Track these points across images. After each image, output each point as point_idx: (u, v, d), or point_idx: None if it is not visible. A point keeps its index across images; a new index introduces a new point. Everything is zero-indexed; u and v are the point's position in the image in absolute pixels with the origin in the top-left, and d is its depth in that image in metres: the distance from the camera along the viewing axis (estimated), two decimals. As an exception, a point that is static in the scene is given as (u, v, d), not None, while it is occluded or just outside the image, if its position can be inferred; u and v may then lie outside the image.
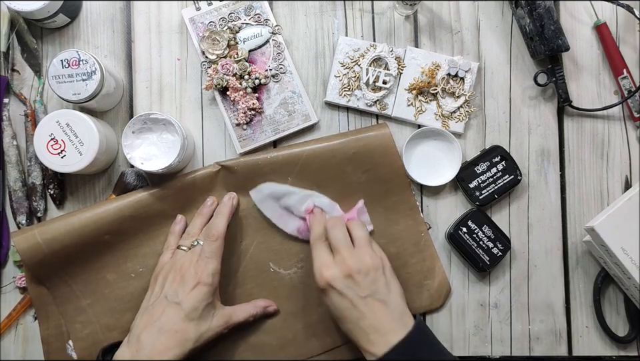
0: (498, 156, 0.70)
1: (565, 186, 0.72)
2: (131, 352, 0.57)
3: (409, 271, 0.69)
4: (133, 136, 0.64)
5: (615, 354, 0.71)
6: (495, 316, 0.71)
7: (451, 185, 0.72)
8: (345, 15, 0.72)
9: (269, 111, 0.70)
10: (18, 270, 0.69)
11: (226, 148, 0.71)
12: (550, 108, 0.73)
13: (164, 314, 0.59)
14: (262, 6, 0.70)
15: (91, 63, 0.63)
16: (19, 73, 0.70)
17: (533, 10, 0.69)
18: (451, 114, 0.71)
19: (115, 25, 0.71)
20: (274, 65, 0.70)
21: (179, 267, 0.61)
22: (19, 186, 0.68)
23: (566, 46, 0.69)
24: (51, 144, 0.62)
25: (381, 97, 0.70)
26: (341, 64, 0.70)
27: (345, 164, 0.68)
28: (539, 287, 0.71)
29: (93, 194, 0.70)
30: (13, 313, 0.68)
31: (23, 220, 0.68)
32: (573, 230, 0.72)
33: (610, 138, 0.73)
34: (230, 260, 0.68)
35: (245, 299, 0.68)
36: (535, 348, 0.71)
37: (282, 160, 0.67)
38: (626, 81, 0.72)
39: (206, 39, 0.69)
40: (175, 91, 0.71)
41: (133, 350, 0.57)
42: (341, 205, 0.68)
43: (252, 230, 0.68)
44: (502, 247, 0.69)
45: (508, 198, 0.72)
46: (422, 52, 0.71)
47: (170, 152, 0.65)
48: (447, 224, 0.71)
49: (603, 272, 0.71)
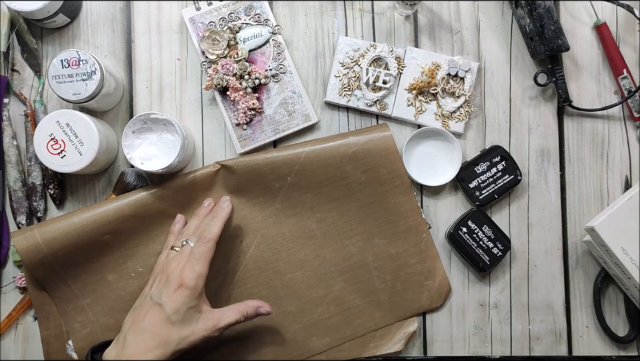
0: (498, 156, 0.70)
1: (565, 186, 0.72)
2: (117, 351, 0.57)
3: (409, 272, 0.69)
4: (132, 136, 0.64)
5: (615, 354, 0.71)
6: (495, 316, 0.71)
7: (451, 185, 0.72)
8: (345, 15, 0.72)
9: (268, 111, 0.70)
10: (18, 270, 0.69)
11: (226, 148, 0.71)
12: (550, 108, 0.73)
13: (147, 314, 0.58)
14: (262, 6, 0.70)
15: (90, 63, 0.63)
16: (19, 73, 0.70)
17: (533, 11, 0.69)
18: (451, 114, 0.71)
19: (114, 25, 0.71)
20: (274, 65, 0.70)
21: (167, 267, 0.61)
22: (19, 186, 0.68)
23: (566, 46, 0.69)
24: (50, 144, 0.62)
25: (381, 97, 0.70)
26: (340, 64, 0.70)
27: (345, 163, 0.68)
28: (539, 287, 0.71)
29: (93, 194, 0.70)
30: (13, 313, 0.68)
31: (22, 220, 0.68)
32: (573, 230, 0.72)
33: (610, 138, 0.73)
34: (230, 259, 0.68)
35: (245, 298, 0.68)
36: (535, 348, 0.71)
37: (281, 160, 0.67)
38: (626, 81, 0.71)
39: (206, 39, 0.69)
40: (174, 91, 0.71)
41: (119, 348, 0.57)
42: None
43: (252, 230, 0.68)
44: (502, 247, 0.69)
45: (508, 198, 0.72)
46: (422, 52, 0.71)
47: (170, 152, 0.65)
48: (447, 224, 0.71)
49: (603, 272, 0.71)
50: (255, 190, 0.68)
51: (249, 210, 0.68)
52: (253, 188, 0.68)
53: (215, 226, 0.63)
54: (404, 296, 0.69)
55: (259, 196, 0.68)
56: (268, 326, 0.68)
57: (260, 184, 0.68)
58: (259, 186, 0.68)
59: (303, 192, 0.68)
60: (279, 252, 0.69)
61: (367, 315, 0.69)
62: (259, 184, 0.68)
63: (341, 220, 0.69)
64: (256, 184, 0.68)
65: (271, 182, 0.68)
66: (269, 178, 0.68)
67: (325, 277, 0.69)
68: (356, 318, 0.69)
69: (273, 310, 0.64)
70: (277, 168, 0.68)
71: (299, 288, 0.69)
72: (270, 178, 0.68)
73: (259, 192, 0.68)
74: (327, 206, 0.69)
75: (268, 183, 0.68)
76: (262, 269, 0.69)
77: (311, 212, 0.69)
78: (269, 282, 0.69)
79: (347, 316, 0.69)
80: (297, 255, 0.69)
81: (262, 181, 0.68)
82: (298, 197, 0.68)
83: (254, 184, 0.68)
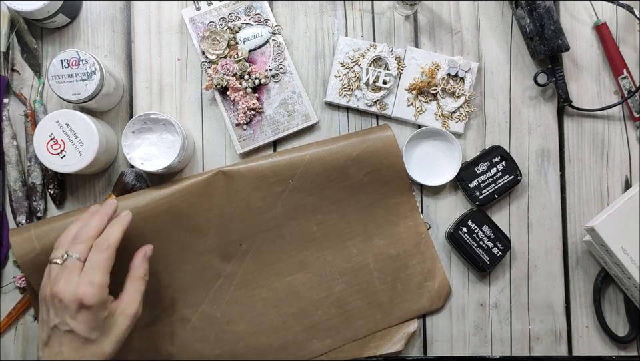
0: (498, 156, 0.70)
1: (565, 186, 0.72)
2: None
3: (409, 273, 0.69)
4: (132, 136, 0.64)
5: (615, 354, 0.71)
6: (495, 316, 0.71)
7: (451, 185, 0.72)
8: (345, 15, 0.72)
9: (269, 111, 0.70)
10: (18, 270, 0.69)
11: (226, 148, 0.71)
12: (550, 108, 0.73)
13: (62, 344, 0.52)
14: (262, 6, 0.70)
15: (90, 63, 0.63)
16: (19, 73, 0.70)
17: (533, 11, 0.69)
18: (451, 114, 0.71)
19: (115, 25, 0.71)
20: (274, 65, 0.70)
21: (55, 288, 0.53)
22: (18, 186, 0.68)
23: (566, 46, 0.69)
24: (50, 144, 0.62)
25: (381, 97, 0.70)
26: (340, 64, 0.70)
27: (348, 166, 0.68)
28: (539, 287, 0.71)
29: (93, 194, 0.70)
30: (13, 313, 0.68)
31: (22, 220, 0.68)
32: (573, 230, 0.72)
33: (610, 138, 0.73)
34: (230, 262, 0.68)
35: (246, 301, 0.68)
36: (535, 348, 0.71)
37: (284, 163, 0.67)
38: (626, 81, 0.71)
39: (206, 39, 0.69)
40: (174, 91, 0.71)
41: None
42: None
43: (252, 233, 0.68)
44: (502, 247, 0.69)
45: (508, 198, 0.72)
46: (422, 52, 0.71)
47: (170, 152, 0.65)
48: (447, 224, 0.71)
49: (603, 272, 0.71)
50: (255, 194, 0.68)
51: (249, 214, 0.68)
52: (254, 192, 0.68)
53: (114, 232, 0.56)
54: (404, 297, 0.69)
55: (260, 200, 0.68)
56: (268, 328, 0.68)
57: (261, 188, 0.67)
58: (260, 190, 0.67)
59: (304, 195, 0.68)
60: (279, 254, 0.69)
61: (368, 316, 0.69)
62: (259, 188, 0.67)
63: (341, 222, 0.69)
64: (257, 188, 0.67)
65: (273, 186, 0.68)
66: (271, 181, 0.67)
67: (326, 278, 0.69)
68: (357, 320, 0.69)
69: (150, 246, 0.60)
70: (279, 171, 0.67)
71: (299, 290, 0.69)
72: (272, 182, 0.67)
73: (260, 196, 0.68)
74: (328, 208, 0.69)
75: (269, 187, 0.68)
76: (262, 271, 0.69)
77: (312, 214, 0.69)
78: (269, 284, 0.68)
79: (347, 318, 0.69)
80: (297, 257, 0.69)
81: (263, 185, 0.67)
82: (299, 200, 0.68)
83: (255, 188, 0.67)
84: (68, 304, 0.52)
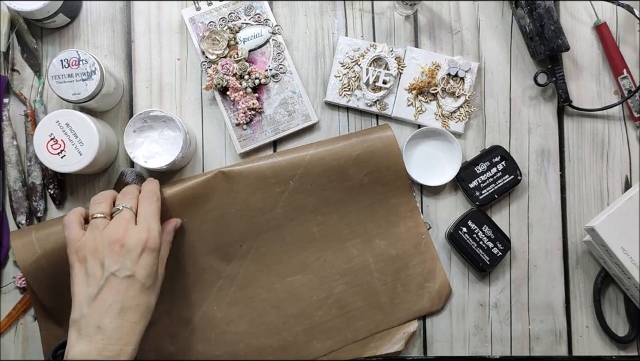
0: (498, 156, 0.70)
1: (565, 186, 0.72)
2: (95, 344, 0.52)
3: (409, 273, 0.69)
4: (134, 135, 0.64)
5: (615, 354, 0.71)
6: (494, 316, 0.71)
7: (451, 185, 0.72)
8: (345, 15, 0.72)
9: (269, 111, 0.70)
10: (18, 270, 0.69)
11: (226, 148, 0.71)
12: (550, 108, 0.73)
13: (119, 293, 0.54)
14: (262, 6, 0.70)
15: (90, 63, 0.63)
16: (19, 73, 0.70)
17: (533, 10, 0.69)
18: (451, 114, 0.71)
19: (115, 25, 0.71)
20: (274, 65, 0.70)
21: (115, 235, 0.55)
22: (19, 186, 0.68)
23: (566, 46, 0.69)
24: (50, 144, 0.62)
25: (381, 97, 0.70)
26: (341, 64, 0.70)
27: (348, 166, 0.68)
28: (539, 287, 0.71)
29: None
30: (12, 312, 0.68)
31: (22, 220, 0.68)
32: (573, 230, 0.72)
33: (610, 138, 0.73)
34: (230, 262, 0.68)
35: (246, 301, 0.68)
36: (535, 348, 0.71)
37: (284, 164, 0.67)
38: (626, 81, 0.72)
39: (206, 39, 0.69)
40: (174, 91, 0.71)
41: (97, 340, 0.52)
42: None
43: (252, 234, 0.68)
44: (502, 247, 0.69)
45: (508, 198, 0.72)
46: (422, 52, 0.71)
47: (172, 148, 0.65)
48: (446, 224, 0.71)
49: (603, 272, 0.71)
50: (255, 195, 0.68)
51: (249, 215, 0.68)
52: (254, 193, 0.68)
53: (154, 187, 0.61)
54: (405, 297, 0.69)
55: (260, 201, 0.68)
56: (269, 329, 0.68)
57: (261, 189, 0.67)
58: (260, 191, 0.67)
59: (304, 196, 0.68)
60: (279, 254, 0.69)
61: (369, 317, 0.69)
62: (260, 188, 0.67)
63: (341, 222, 0.69)
64: (257, 188, 0.67)
65: (273, 187, 0.67)
66: (271, 182, 0.67)
67: (326, 279, 0.69)
68: (357, 320, 0.69)
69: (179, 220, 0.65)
70: (279, 172, 0.67)
71: (300, 291, 0.69)
72: (272, 183, 0.67)
73: (260, 197, 0.68)
74: (329, 208, 0.69)
75: (269, 188, 0.67)
76: (262, 272, 0.69)
77: (312, 215, 0.69)
78: (269, 285, 0.68)
79: (348, 319, 0.69)
80: (297, 257, 0.69)
81: (263, 186, 0.67)
82: (299, 201, 0.68)
83: (255, 189, 0.67)
84: (131, 248, 0.54)
